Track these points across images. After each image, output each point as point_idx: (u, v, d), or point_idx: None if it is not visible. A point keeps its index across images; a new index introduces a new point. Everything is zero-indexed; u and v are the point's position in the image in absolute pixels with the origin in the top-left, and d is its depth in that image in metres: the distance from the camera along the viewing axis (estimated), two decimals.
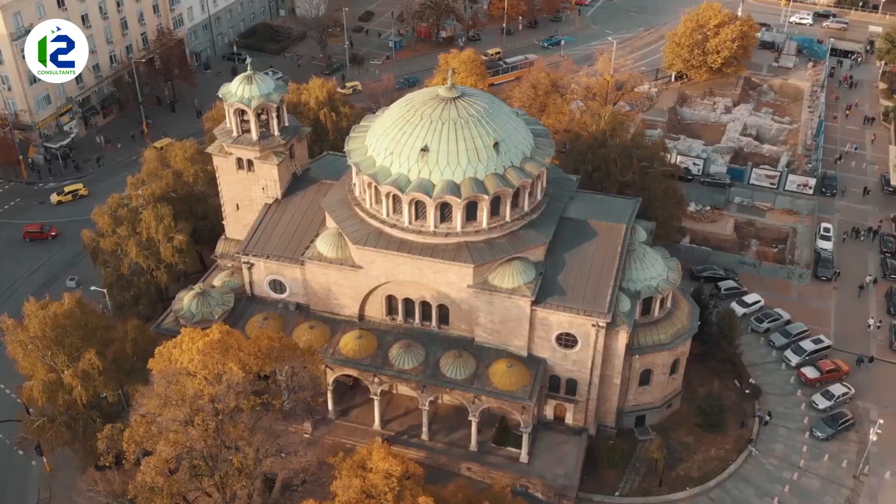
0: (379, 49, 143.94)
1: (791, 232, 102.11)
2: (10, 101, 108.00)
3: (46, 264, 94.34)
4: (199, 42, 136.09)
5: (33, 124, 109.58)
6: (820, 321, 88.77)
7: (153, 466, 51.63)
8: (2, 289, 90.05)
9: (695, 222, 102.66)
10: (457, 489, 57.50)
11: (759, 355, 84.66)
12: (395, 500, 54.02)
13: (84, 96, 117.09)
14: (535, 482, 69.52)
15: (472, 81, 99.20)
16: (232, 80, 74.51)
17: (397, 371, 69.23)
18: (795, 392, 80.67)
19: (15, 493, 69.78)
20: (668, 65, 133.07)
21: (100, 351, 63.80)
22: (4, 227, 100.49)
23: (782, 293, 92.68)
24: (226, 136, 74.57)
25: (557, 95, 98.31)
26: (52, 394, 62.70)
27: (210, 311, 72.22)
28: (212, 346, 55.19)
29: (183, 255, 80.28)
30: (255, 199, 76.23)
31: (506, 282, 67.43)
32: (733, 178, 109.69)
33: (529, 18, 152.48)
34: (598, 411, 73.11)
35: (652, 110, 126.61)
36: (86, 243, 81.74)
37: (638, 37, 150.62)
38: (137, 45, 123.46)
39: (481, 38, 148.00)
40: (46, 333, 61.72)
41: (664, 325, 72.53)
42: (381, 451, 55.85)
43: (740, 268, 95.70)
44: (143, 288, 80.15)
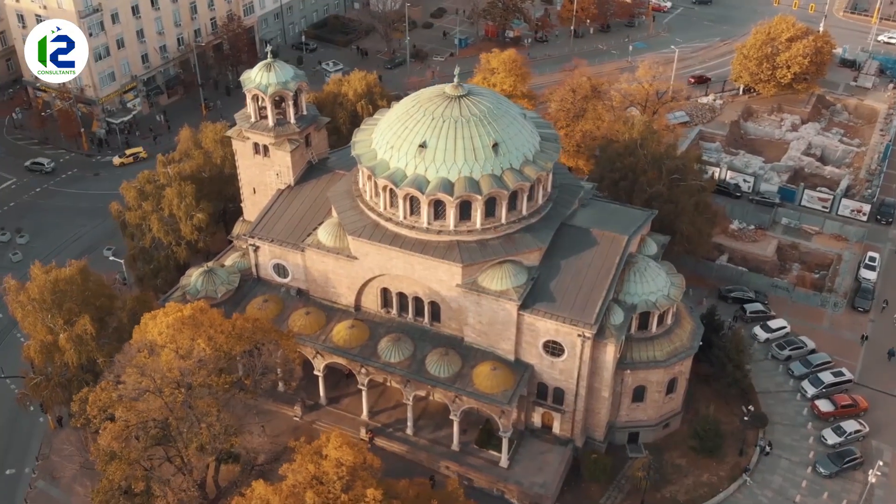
0: (445, 46, 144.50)
1: (836, 258, 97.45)
2: (77, 76, 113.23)
3: (91, 233, 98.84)
4: (269, 30, 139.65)
5: (97, 99, 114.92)
6: (848, 354, 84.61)
7: (110, 432, 53.72)
8: (45, 252, 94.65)
9: (734, 241, 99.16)
10: (409, 485, 57.57)
11: (774, 383, 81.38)
12: (343, 488, 54.65)
13: (149, 75, 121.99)
14: (511, 488, 68.96)
15: (511, 82, 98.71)
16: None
17: (384, 364, 69.76)
18: (806, 425, 77.20)
19: (19, 447, 73.64)
20: (736, 77, 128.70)
21: (96, 318, 66.66)
22: (58, 195, 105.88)
23: (813, 321, 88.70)
24: (245, 120, 76.60)
25: (597, 101, 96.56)
26: (48, 355, 66.00)
27: (214, 289, 74.41)
28: (182, 321, 56.95)
29: (203, 234, 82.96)
30: (269, 183, 77.99)
31: (494, 284, 67.01)
32: (784, 198, 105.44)
33: (602, 22, 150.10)
34: (587, 423, 71.84)
35: (713, 123, 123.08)
36: (114, 216, 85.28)
37: (713, 47, 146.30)
38: (206, 29, 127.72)
39: (549, 40, 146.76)
40: (45, 297, 64.89)
41: (661, 342, 70.60)
42: (337, 440, 56.44)
43: (772, 291, 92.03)
44: (162, 262, 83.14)
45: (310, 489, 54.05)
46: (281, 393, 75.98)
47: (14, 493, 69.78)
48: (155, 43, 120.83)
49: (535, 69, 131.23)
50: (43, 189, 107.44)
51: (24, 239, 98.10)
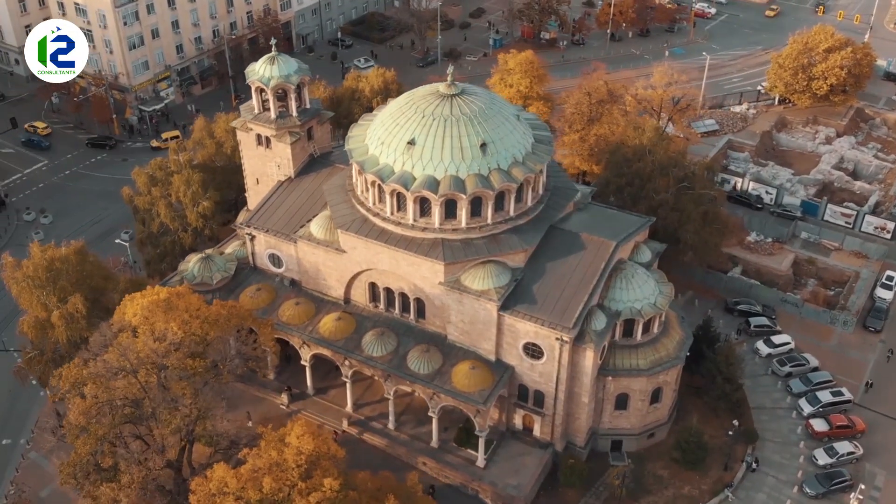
0: (479, 46, 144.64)
1: (853, 276, 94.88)
2: (112, 63, 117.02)
3: (112, 216, 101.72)
4: (306, 25, 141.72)
5: (130, 87, 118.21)
6: (853, 373, 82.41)
7: (78, 407, 55.50)
8: (66, 233, 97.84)
9: (750, 253, 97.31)
10: (367, 478, 58.11)
11: (771, 399, 79.75)
12: (300, 476, 55.49)
13: (183, 66, 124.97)
14: (485, 488, 69.04)
15: (527, 83, 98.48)
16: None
17: (366, 357, 70.49)
18: (798, 443, 75.47)
19: (18, 418, 76.43)
20: (770, 87, 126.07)
21: (90, 297, 68.82)
22: (85, 178, 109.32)
23: (821, 339, 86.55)
24: (248, 112, 78.12)
25: (613, 105, 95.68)
26: (41, 330, 68.39)
27: (210, 275, 76.10)
28: (157, 304, 58.46)
29: (209, 221, 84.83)
30: (271, 174, 79.41)
31: (476, 283, 67.15)
32: (806, 211, 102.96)
33: (641, 27, 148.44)
34: (567, 428, 71.49)
35: (744, 132, 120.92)
36: (126, 200, 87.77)
37: (754, 55, 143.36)
38: (242, 22, 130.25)
39: (586, 43, 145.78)
40: (39, 274, 67.27)
41: (645, 351, 69.84)
42: (300, 429, 57.32)
43: (781, 306, 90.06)
44: (168, 247, 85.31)
45: (268, 475, 55.05)
46: (270, 381, 77.41)
47: (7, 462, 72.51)
48: (190, 34, 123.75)
49: (567, 72, 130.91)
50: (72, 172, 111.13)
51: (47, 219, 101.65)
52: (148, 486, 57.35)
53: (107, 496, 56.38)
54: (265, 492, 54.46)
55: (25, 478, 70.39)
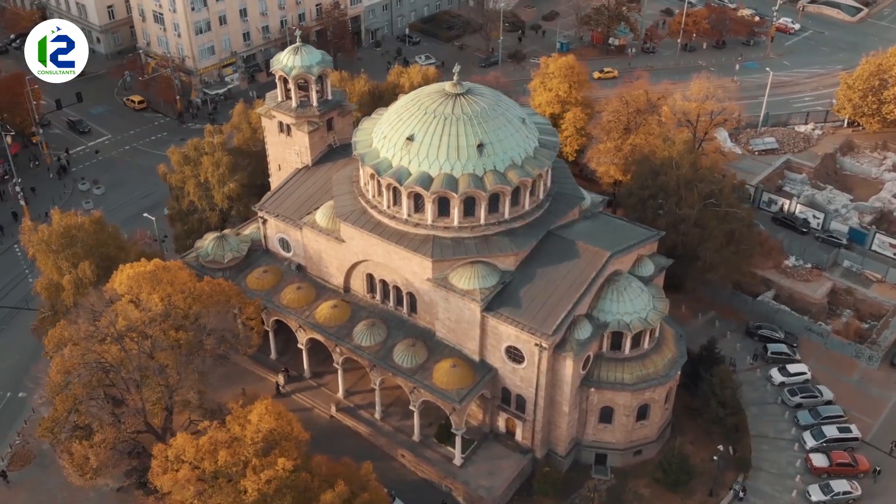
0: (546, 49, 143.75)
1: (892, 310, 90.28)
2: (180, 46, 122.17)
3: (159, 192, 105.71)
4: (375, 20, 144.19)
5: (195, 70, 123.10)
6: (869, 411, 78.76)
7: (56, 365, 58.80)
8: (114, 205, 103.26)
9: (785, 277, 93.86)
10: (323, 462, 59.36)
11: (775, 429, 77.04)
12: (256, 453, 57.21)
13: (249, 53, 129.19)
14: (458, 486, 69.34)
15: (565, 88, 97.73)
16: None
17: (355, 346, 71.77)
18: (794, 477, 72.68)
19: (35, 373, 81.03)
20: (838, 108, 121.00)
21: (102, 266, 72.46)
22: (143, 155, 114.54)
23: (843, 372, 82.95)
24: (273, 100, 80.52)
25: (651, 115, 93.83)
26: (53, 292, 72.48)
27: (223, 254, 78.90)
28: (143, 275, 61.27)
29: (234, 202, 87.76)
30: (291, 161, 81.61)
31: (462, 283, 67.46)
32: (852, 239, 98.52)
33: (717, 38, 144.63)
34: (548, 436, 70.96)
35: (805, 153, 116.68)
36: (161, 177, 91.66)
37: (831, 74, 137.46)
38: (310, 14, 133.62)
39: (656, 52, 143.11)
40: (53, 239, 71.37)
41: (631, 365, 68.66)
42: (262, 407, 59.11)
43: (805, 334, 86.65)
44: (195, 225, 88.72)
45: (225, 448, 57.00)
46: (270, 360, 79.74)
47: (19, 414, 77.15)
48: (258, 23, 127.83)
49: (635, 79, 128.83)
50: (131, 147, 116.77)
51: (99, 190, 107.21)
52: (118, 447, 60.09)
53: (79, 453, 59.52)
54: (220, 464, 56.49)
55: (32, 429, 74.60)
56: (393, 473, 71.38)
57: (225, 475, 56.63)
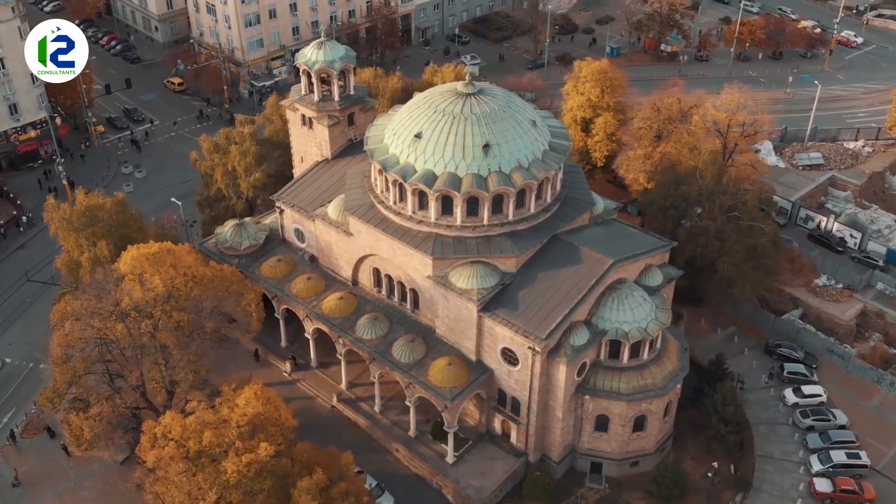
0: (596, 54, 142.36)
1: None
2: (230, 37, 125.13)
3: (197, 179, 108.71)
4: (426, 19, 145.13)
5: (243, 62, 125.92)
6: (884, 438, 76.11)
7: (57, 339, 61.14)
8: (153, 189, 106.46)
9: (814, 297, 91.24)
10: (305, 449, 60.29)
11: (782, 450, 75.06)
12: (240, 436, 58.50)
13: (298, 47, 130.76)
14: (448, 484, 69.58)
15: (597, 92, 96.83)
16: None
17: (356, 338, 72.64)
18: (795, 501, 70.73)
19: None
20: (891, 125, 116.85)
21: (119, 245, 74.90)
22: (187, 142, 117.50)
23: (862, 397, 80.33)
24: (297, 93, 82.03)
25: (682, 123, 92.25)
26: (73, 268, 75.29)
27: (240, 241, 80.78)
28: (146, 257, 63.23)
29: (259, 192, 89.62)
30: (312, 154, 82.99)
31: (461, 282, 67.68)
32: (890, 261, 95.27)
33: (773, 49, 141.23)
34: (542, 440, 70.63)
35: (851, 170, 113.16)
36: (192, 164, 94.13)
37: (890, 90, 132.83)
38: (361, 11, 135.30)
39: (709, 60, 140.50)
40: (73, 218, 74.16)
41: (629, 375, 67.83)
42: (251, 392, 60.41)
43: (827, 356, 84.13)
44: (221, 211, 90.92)
45: (211, 430, 58.46)
46: (280, 347, 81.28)
47: (38, 384, 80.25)
48: (307, 17, 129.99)
49: (686, 87, 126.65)
50: (177, 134, 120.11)
51: (141, 174, 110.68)
52: (113, 421, 62.15)
53: (75, 424, 61.80)
54: (204, 444, 57.92)
55: None
56: (387, 466, 72.21)
57: (208, 455, 58.01)
